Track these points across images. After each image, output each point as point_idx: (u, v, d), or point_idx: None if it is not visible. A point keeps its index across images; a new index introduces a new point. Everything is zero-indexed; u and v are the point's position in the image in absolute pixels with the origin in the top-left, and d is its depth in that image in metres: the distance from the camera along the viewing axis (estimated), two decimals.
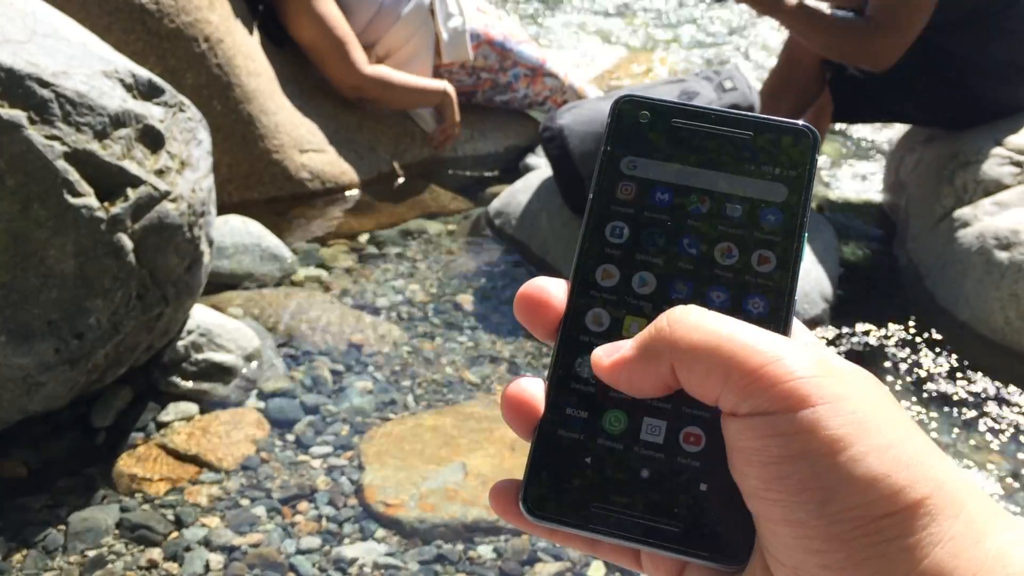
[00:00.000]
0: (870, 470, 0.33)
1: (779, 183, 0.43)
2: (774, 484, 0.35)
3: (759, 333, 0.37)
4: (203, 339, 2.12)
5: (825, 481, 0.34)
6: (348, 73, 3.12)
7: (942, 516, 0.33)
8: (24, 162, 1.65)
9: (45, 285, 1.71)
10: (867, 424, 0.34)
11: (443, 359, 2.31)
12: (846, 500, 0.33)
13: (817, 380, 0.35)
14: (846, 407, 0.35)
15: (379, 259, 2.77)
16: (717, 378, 0.36)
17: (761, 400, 0.35)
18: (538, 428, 0.41)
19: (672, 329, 0.38)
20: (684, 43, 5.12)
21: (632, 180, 0.45)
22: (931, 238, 2.83)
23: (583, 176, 2.64)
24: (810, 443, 0.34)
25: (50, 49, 1.80)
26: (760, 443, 0.35)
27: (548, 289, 0.43)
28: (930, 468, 0.34)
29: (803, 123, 0.44)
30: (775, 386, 0.35)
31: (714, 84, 2.72)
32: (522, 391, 0.42)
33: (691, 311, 0.38)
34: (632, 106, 0.46)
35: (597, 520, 0.39)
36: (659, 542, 0.39)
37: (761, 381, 0.35)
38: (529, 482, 0.41)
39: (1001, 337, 2.49)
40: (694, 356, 0.37)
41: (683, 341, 0.37)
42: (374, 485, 1.86)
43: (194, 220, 1.95)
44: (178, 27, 2.80)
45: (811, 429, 0.34)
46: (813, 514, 0.34)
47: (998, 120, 2.89)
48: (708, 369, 0.36)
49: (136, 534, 1.72)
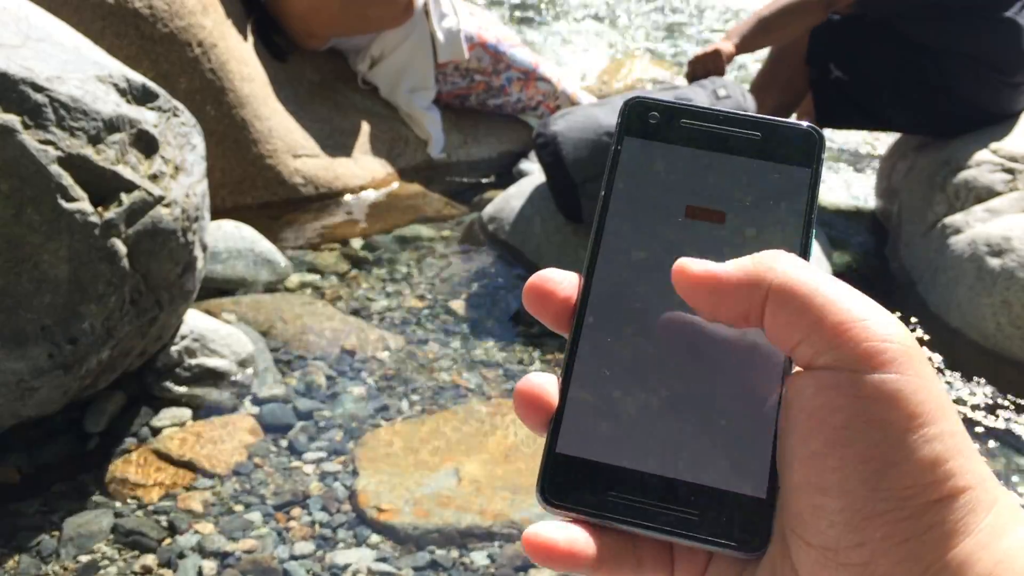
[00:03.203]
0: (935, 452, 0.34)
1: (787, 183, 0.44)
2: (837, 449, 0.34)
3: (854, 292, 0.37)
4: (196, 344, 2.12)
5: (890, 454, 0.34)
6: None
7: (979, 508, 0.34)
8: (18, 167, 1.65)
9: (38, 290, 1.70)
10: (943, 405, 0.34)
11: (437, 364, 2.31)
12: (903, 478, 0.33)
13: (905, 349, 0.35)
14: (927, 384, 0.35)
15: (373, 264, 2.77)
16: (806, 322, 0.36)
17: (846, 353, 0.35)
18: (553, 419, 0.42)
19: (775, 264, 0.38)
20: (675, 49, 5.13)
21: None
22: (923, 244, 2.84)
23: (576, 182, 2.65)
24: (888, 411, 0.34)
25: (44, 54, 1.80)
26: (834, 400, 0.35)
27: (557, 279, 0.44)
28: (977, 461, 0.35)
29: (810, 125, 0.45)
30: (864, 343, 0.35)
31: (708, 91, 2.73)
32: (534, 386, 0.42)
33: (794, 256, 0.39)
34: (642, 107, 0.46)
35: (614, 508, 0.40)
36: (677, 530, 0.39)
37: (850, 333, 0.35)
38: (546, 471, 0.41)
39: (993, 343, 2.50)
40: (791, 294, 0.37)
41: (786, 276, 0.37)
42: (368, 491, 1.86)
43: (188, 225, 1.94)
44: (171, 32, 2.80)
45: (893, 396, 0.34)
46: (868, 485, 0.34)
47: (988, 127, 2.90)
48: (800, 311, 0.36)
49: (129, 540, 1.72)
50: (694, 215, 0.44)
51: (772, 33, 2.86)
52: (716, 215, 0.44)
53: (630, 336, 0.42)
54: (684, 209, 0.44)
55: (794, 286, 0.37)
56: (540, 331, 2.44)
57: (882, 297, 2.73)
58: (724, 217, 0.44)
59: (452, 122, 3.54)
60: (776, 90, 3.10)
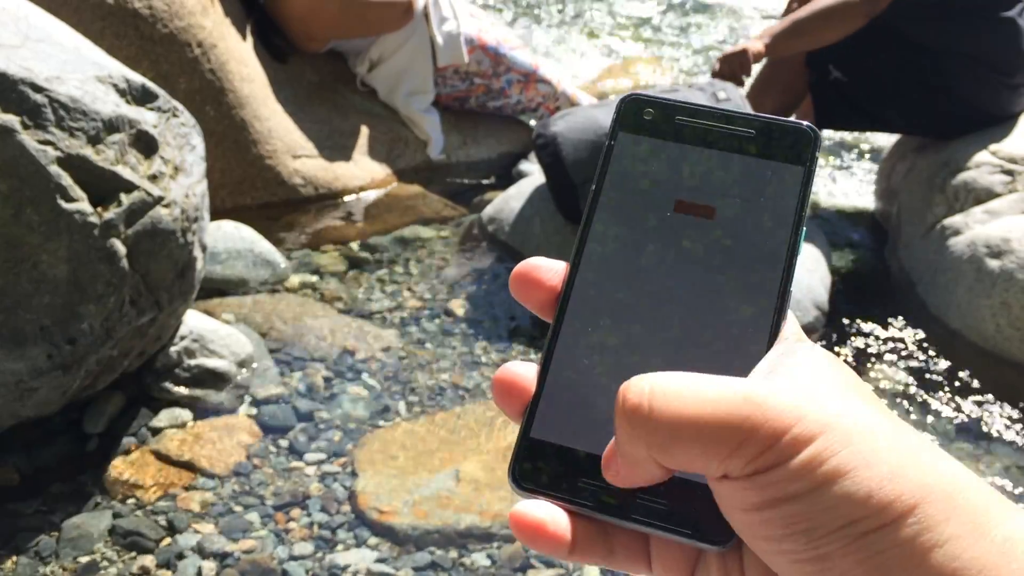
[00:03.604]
0: (853, 493, 0.33)
1: (778, 180, 0.44)
2: (759, 527, 0.35)
3: (722, 399, 0.35)
4: (196, 345, 2.12)
5: (808, 514, 0.33)
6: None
7: (933, 522, 0.33)
8: (17, 167, 1.65)
9: (38, 290, 1.70)
10: (856, 445, 0.34)
11: (436, 365, 2.31)
12: (830, 524, 0.33)
13: (802, 422, 0.34)
14: (833, 437, 0.34)
15: (372, 265, 2.77)
16: (697, 462, 0.35)
17: (747, 469, 0.34)
18: (529, 404, 0.42)
19: (638, 413, 0.36)
20: (675, 51, 5.14)
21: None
22: (922, 246, 2.84)
23: (576, 183, 2.65)
24: (797, 485, 0.33)
25: (43, 54, 1.80)
26: (744, 495, 0.35)
27: (545, 267, 0.44)
28: (917, 474, 0.34)
29: (805, 123, 0.45)
30: (761, 454, 0.34)
31: (707, 95, 2.73)
32: (512, 373, 0.43)
33: (644, 385, 0.36)
34: (637, 104, 0.47)
35: (583, 494, 0.40)
36: (643, 519, 0.39)
37: (742, 455, 0.34)
38: (518, 455, 0.41)
39: (992, 345, 2.50)
40: (667, 447, 0.35)
41: (655, 429, 0.35)
42: (367, 492, 1.85)
43: (187, 226, 1.94)
44: (171, 32, 2.80)
45: (800, 474, 0.33)
46: (799, 543, 0.34)
47: (987, 128, 2.90)
48: (685, 456, 0.35)
49: (128, 540, 1.72)
50: (683, 209, 0.44)
51: (805, 36, 2.77)
52: (706, 210, 0.44)
53: (611, 327, 0.43)
54: (673, 203, 0.44)
55: (664, 433, 0.35)
56: (539, 332, 2.44)
57: (881, 299, 2.73)
58: (713, 212, 0.44)
59: (451, 123, 3.54)
60: (776, 91, 3.10)
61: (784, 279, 0.42)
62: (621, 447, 0.37)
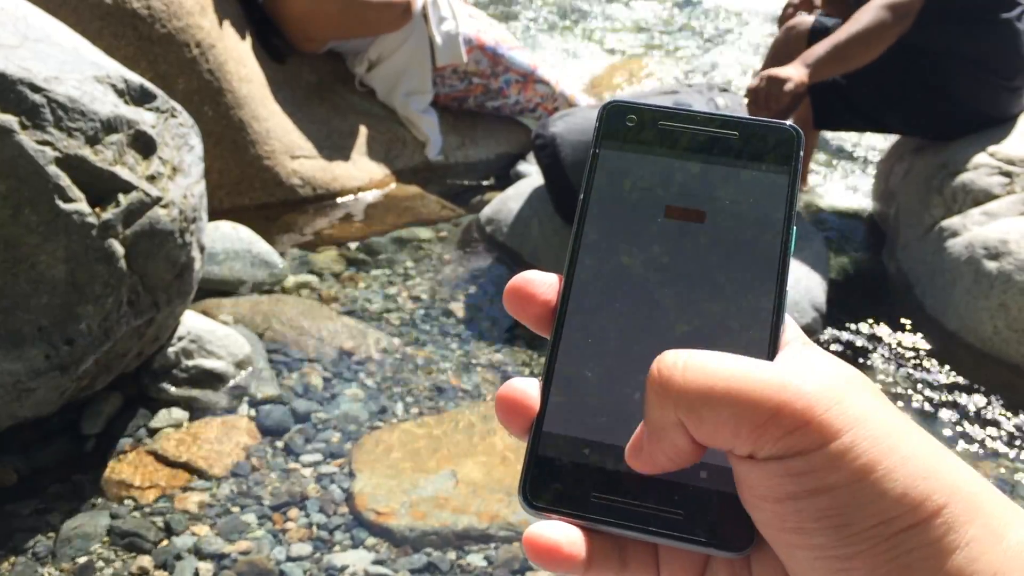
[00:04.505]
0: (889, 490, 0.33)
1: (765, 180, 0.44)
2: (790, 517, 0.34)
3: (753, 373, 0.35)
4: (194, 345, 2.11)
5: (844, 508, 0.33)
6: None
7: (958, 523, 0.33)
8: (15, 167, 1.65)
9: (36, 291, 1.70)
10: (886, 441, 0.34)
11: (434, 366, 2.31)
12: (865, 522, 0.33)
13: (823, 412, 0.34)
14: (865, 431, 0.34)
15: (370, 266, 2.76)
16: (727, 429, 0.35)
17: (772, 451, 0.34)
18: (535, 422, 0.41)
19: (672, 379, 0.36)
20: (675, 52, 5.14)
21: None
22: (920, 247, 2.84)
23: (574, 185, 2.65)
24: (834, 477, 0.34)
25: (42, 54, 1.80)
26: (777, 481, 0.34)
27: (537, 281, 0.44)
28: (946, 476, 0.34)
29: (787, 123, 0.45)
30: (791, 433, 0.34)
31: (706, 98, 2.73)
32: (515, 391, 0.42)
33: (679, 356, 0.36)
34: (619, 110, 0.47)
35: (597, 509, 0.39)
36: (660, 530, 0.39)
37: (773, 429, 0.34)
38: (527, 474, 0.41)
39: (990, 347, 2.50)
40: (698, 410, 0.35)
41: (686, 393, 0.35)
42: (365, 493, 1.85)
43: (185, 226, 1.94)
44: (169, 32, 2.80)
45: (835, 464, 0.33)
46: (831, 538, 0.34)
47: (986, 130, 2.90)
48: (715, 422, 0.35)
49: (126, 541, 1.72)
50: (674, 215, 0.44)
51: (849, 61, 2.69)
52: (696, 214, 0.44)
53: (611, 338, 0.42)
54: (664, 209, 0.44)
55: (700, 395, 0.35)
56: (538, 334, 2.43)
57: (879, 300, 2.73)
58: (704, 216, 0.44)
59: (450, 124, 3.54)
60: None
61: (780, 278, 0.42)
62: (650, 418, 0.37)
